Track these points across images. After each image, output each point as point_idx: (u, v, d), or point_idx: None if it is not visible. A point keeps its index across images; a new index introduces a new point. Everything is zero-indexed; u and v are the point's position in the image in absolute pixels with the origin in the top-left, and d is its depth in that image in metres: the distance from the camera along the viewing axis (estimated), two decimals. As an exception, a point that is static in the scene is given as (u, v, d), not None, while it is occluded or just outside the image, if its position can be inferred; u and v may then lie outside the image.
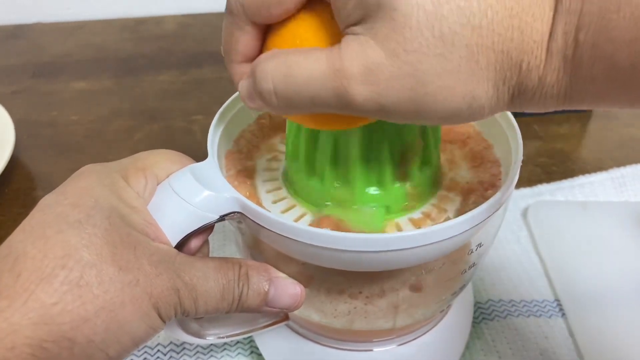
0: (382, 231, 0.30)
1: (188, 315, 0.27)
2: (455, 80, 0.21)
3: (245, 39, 0.26)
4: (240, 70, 0.27)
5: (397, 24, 0.21)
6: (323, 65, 0.22)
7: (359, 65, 0.22)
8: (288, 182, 0.33)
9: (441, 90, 0.22)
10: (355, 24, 0.22)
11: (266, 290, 0.29)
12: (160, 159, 0.30)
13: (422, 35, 0.21)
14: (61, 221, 0.25)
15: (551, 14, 0.21)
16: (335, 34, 0.24)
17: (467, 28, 0.21)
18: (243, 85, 0.26)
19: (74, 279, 0.24)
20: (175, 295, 0.26)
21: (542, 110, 0.23)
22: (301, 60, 0.23)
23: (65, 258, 0.24)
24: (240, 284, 0.28)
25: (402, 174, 0.30)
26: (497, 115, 0.34)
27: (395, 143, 0.29)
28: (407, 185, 0.31)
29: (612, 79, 0.20)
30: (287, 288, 0.29)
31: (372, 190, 0.30)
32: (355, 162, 0.29)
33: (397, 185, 0.30)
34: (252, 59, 0.26)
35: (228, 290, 0.28)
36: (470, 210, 0.27)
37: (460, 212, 0.30)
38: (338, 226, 0.30)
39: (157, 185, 0.29)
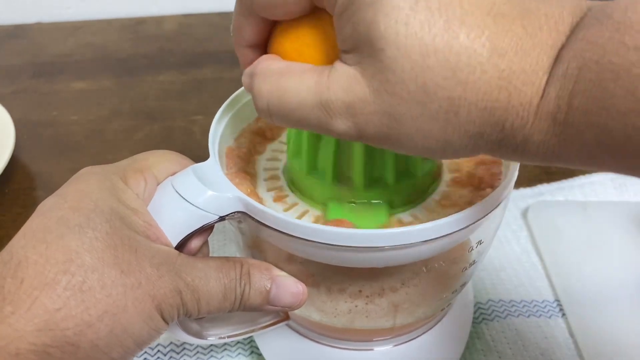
0: (386, 227, 0.30)
1: (190, 316, 0.27)
2: (430, 125, 0.22)
3: (251, 29, 0.27)
4: (245, 53, 0.28)
5: (383, 65, 0.21)
6: (312, 95, 0.23)
7: (344, 101, 0.22)
8: (290, 179, 0.33)
9: (416, 131, 0.22)
10: (347, 52, 0.23)
11: (268, 288, 0.29)
12: (159, 159, 0.30)
13: (403, 82, 0.21)
14: (62, 226, 0.25)
15: (544, 78, 0.20)
16: (335, 47, 0.24)
17: (452, 81, 0.21)
18: (244, 80, 0.27)
19: (77, 283, 0.24)
20: (178, 297, 0.26)
21: (524, 162, 0.23)
22: (292, 87, 0.24)
23: (67, 263, 0.24)
24: (242, 283, 0.28)
25: (404, 167, 0.30)
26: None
27: None
28: (410, 179, 0.31)
29: (603, 147, 0.19)
30: (289, 286, 0.30)
31: (376, 185, 0.30)
32: (358, 156, 0.29)
33: (400, 178, 0.30)
34: (257, 45, 0.27)
35: (230, 289, 0.28)
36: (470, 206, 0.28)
37: (460, 209, 0.30)
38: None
39: (157, 186, 0.29)
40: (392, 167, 0.30)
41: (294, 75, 0.24)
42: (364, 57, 0.22)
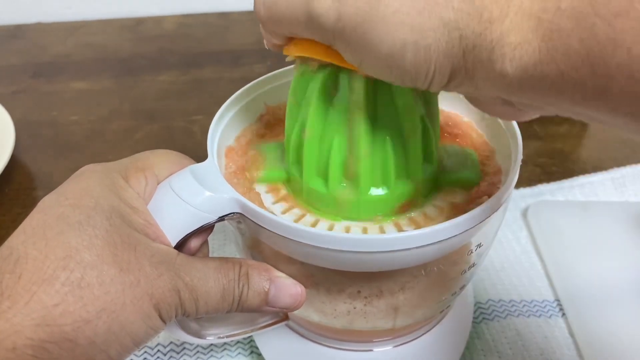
0: (382, 232, 0.30)
1: (189, 316, 0.27)
2: (408, 6, 0.21)
3: None
4: None
5: None
6: None
7: None
8: (288, 182, 0.33)
9: (393, 15, 0.22)
10: None
11: (266, 290, 0.29)
12: (160, 159, 0.30)
13: None
14: (62, 222, 0.25)
15: None
16: None
17: None
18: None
19: (75, 280, 0.24)
20: (176, 296, 0.26)
21: (493, 86, 0.22)
22: None
23: (66, 259, 0.24)
24: (241, 284, 0.28)
25: (405, 172, 0.30)
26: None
27: (398, 140, 0.29)
28: (410, 184, 0.31)
29: (586, 53, 0.19)
30: (287, 288, 0.29)
31: (377, 190, 0.30)
32: (360, 161, 0.29)
33: (401, 183, 0.30)
34: None
35: (228, 290, 0.28)
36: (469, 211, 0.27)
37: (458, 214, 0.30)
38: None
39: (157, 185, 0.29)
40: (393, 172, 0.30)
41: None
42: None
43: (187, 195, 0.28)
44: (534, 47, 0.20)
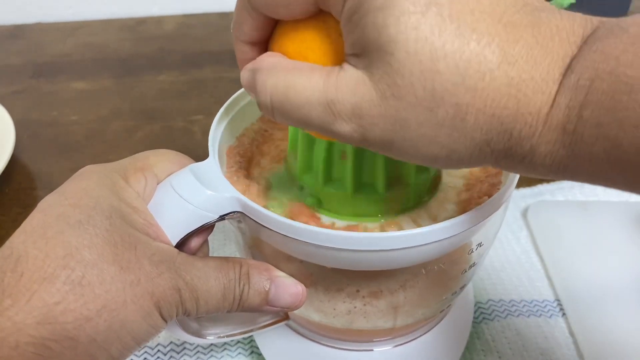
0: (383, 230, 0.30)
1: (189, 315, 0.27)
2: (436, 132, 0.21)
3: (252, 23, 0.26)
4: (243, 49, 0.27)
5: (392, 69, 0.21)
6: (318, 93, 0.23)
7: (350, 102, 0.22)
8: (289, 179, 0.33)
9: (421, 138, 0.22)
10: (355, 55, 0.22)
11: (267, 289, 0.29)
12: (160, 159, 0.30)
13: (412, 86, 0.21)
14: (62, 222, 0.25)
15: (555, 87, 0.20)
16: (340, 52, 0.24)
17: (461, 87, 0.20)
18: (244, 76, 0.26)
19: (76, 278, 0.24)
20: (177, 295, 0.26)
21: (530, 176, 0.23)
22: (300, 84, 0.23)
23: (66, 258, 0.24)
24: (241, 284, 0.28)
25: (396, 178, 0.30)
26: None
27: None
28: (401, 189, 0.30)
29: (613, 161, 0.19)
30: (288, 287, 0.30)
31: (365, 192, 0.30)
32: (349, 162, 0.29)
33: (391, 188, 0.30)
34: (256, 42, 0.27)
35: (229, 289, 0.28)
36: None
37: (458, 213, 0.30)
38: (313, 215, 0.30)
39: (157, 185, 0.29)
40: (383, 174, 0.30)
41: (302, 73, 0.24)
42: (373, 61, 0.21)
43: (187, 194, 0.28)
44: (561, 155, 0.20)
